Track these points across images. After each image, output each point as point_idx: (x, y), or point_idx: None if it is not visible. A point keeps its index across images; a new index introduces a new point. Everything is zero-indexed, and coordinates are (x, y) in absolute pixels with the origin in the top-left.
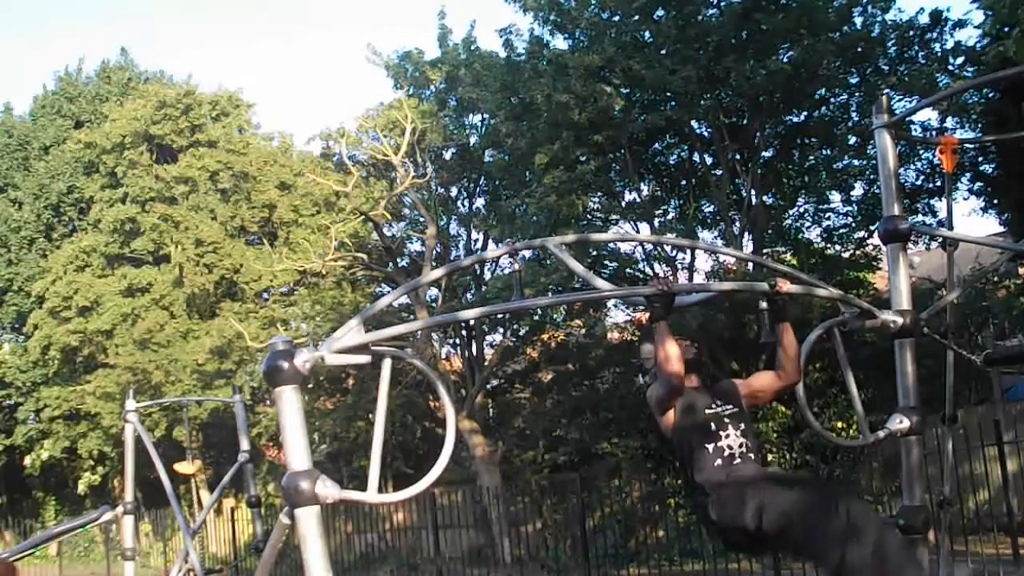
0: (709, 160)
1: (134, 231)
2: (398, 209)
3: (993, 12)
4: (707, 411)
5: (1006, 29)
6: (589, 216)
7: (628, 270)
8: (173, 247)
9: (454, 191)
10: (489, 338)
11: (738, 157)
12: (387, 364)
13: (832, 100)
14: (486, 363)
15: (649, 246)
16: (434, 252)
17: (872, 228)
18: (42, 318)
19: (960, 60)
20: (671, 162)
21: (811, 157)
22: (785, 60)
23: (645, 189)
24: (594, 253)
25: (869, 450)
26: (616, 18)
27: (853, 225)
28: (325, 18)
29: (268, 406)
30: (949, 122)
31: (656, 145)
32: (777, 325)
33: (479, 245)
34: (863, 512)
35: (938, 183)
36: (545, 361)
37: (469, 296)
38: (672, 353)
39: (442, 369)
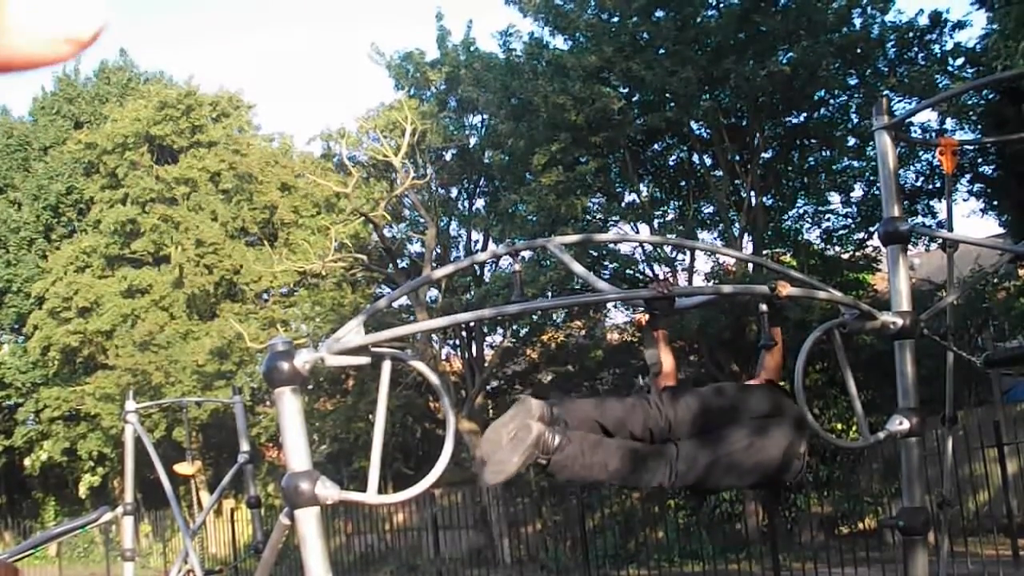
0: (709, 161)
1: (134, 232)
2: (398, 210)
3: (1000, 27)
4: None
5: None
6: (588, 217)
7: (628, 271)
8: (173, 248)
9: (454, 192)
10: (489, 339)
11: (738, 158)
12: (387, 365)
13: (831, 101)
14: (486, 364)
15: (649, 247)
16: (434, 253)
17: (872, 229)
18: (42, 319)
19: (960, 61)
20: (670, 163)
21: (811, 158)
22: (784, 61)
23: (644, 190)
24: (594, 254)
25: (869, 451)
26: (615, 19)
27: (853, 226)
28: (325, 18)
29: (268, 407)
30: (949, 123)
31: (655, 146)
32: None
33: (479, 245)
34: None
35: (938, 184)
36: (545, 362)
37: (469, 296)
38: (668, 368)
39: (442, 370)
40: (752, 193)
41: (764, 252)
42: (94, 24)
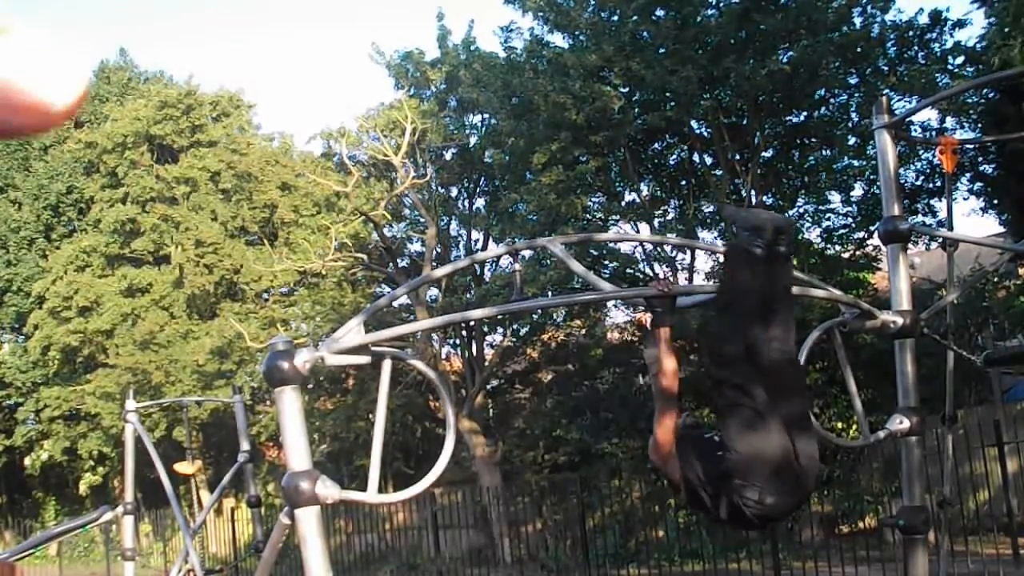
0: (709, 160)
1: (134, 231)
2: (398, 209)
3: (998, 20)
4: None
5: (1006, 29)
6: (588, 216)
7: (628, 270)
8: (173, 247)
9: (454, 191)
10: (489, 338)
11: (738, 157)
12: (387, 364)
13: (832, 100)
14: (486, 363)
15: (649, 246)
16: (434, 252)
17: (872, 228)
18: (42, 318)
19: (960, 60)
20: (671, 162)
21: (811, 157)
22: (784, 60)
23: (645, 189)
24: (594, 253)
25: (869, 450)
26: (615, 18)
27: (853, 225)
28: (325, 18)
29: (268, 406)
30: (949, 122)
31: (656, 145)
32: None
33: (479, 245)
34: None
35: (938, 183)
36: (545, 361)
37: (469, 295)
38: (669, 368)
39: (442, 369)
40: (752, 192)
41: None
42: (74, 92)
